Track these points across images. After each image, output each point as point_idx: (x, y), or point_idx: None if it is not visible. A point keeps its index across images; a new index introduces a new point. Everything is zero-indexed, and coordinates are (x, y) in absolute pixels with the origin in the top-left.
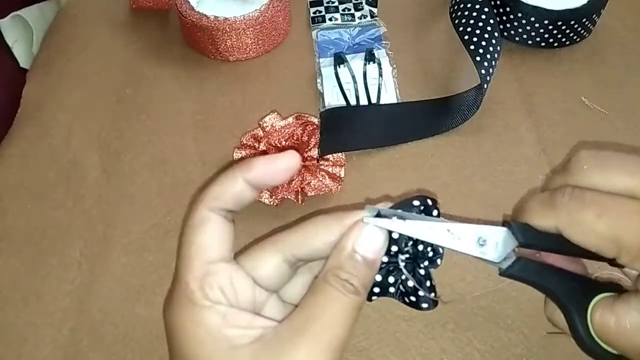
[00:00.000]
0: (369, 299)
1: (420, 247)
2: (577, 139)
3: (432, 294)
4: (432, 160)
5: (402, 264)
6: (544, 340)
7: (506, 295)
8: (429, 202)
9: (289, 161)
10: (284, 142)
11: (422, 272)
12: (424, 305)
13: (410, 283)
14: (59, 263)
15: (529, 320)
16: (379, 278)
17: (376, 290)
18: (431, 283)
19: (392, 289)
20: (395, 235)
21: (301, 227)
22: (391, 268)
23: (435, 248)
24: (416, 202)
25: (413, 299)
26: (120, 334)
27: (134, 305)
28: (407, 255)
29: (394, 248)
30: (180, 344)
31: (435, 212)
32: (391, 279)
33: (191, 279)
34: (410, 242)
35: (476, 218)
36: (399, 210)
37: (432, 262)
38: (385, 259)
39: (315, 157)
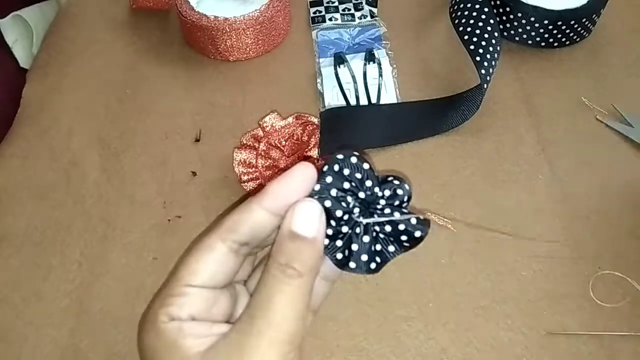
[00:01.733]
0: (376, 270)
1: (364, 195)
2: (577, 139)
3: (415, 218)
4: (432, 160)
5: (361, 219)
6: (544, 340)
7: (506, 295)
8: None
9: (303, 172)
10: (284, 142)
11: (387, 210)
12: (418, 233)
13: (388, 228)
14: (59, 263)
15: (529, 320)
16: (355, 247)
17: (373, 265)
18: (404, 212)
19: (379, 247)
20: (327, 204)
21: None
22: (357, 230)
23: (384, 183)
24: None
25: (404, 237)
26: (120, 334)
27: (134, 305)
28: (359, 209)
29: (339, 213)
30: (144, 353)
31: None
32: (366, 239)
33: (165, 297)
34: (350, 198)
35: (475, 218)
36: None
37: (394, 195)
38: (345, 229)
39: (315, 157)
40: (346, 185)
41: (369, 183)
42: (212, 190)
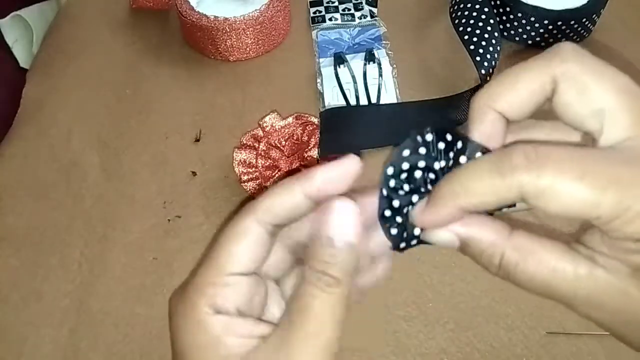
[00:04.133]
0: (418, 243)
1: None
2: None
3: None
4: None
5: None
6: (544, 340)
7: (506, 295)
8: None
9: (351, 165)
10: (284, 142)
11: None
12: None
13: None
14: (59, 263)
15: (529, 320)
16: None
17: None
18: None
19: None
20: (392, 184)
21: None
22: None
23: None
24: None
25: None
26: (120, 334)
27: (134, 305)
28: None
29: (402, 191)
30: (181, 344)
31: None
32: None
33: (206, 286)
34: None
35: None
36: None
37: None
38: (397, 203)
39: (315, 157)
40: (421, 162)
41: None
42: (212, 190)
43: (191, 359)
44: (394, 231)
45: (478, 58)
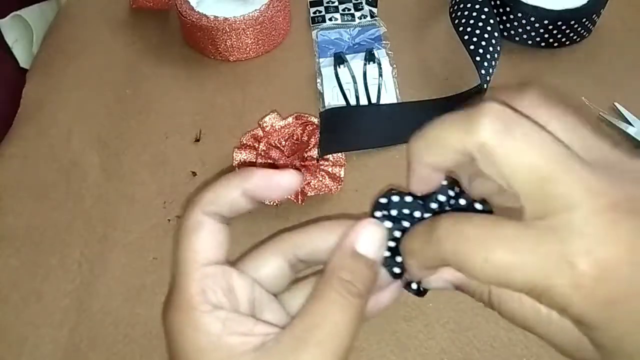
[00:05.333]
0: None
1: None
2: None
3: (479, 204)
4: None
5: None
6: (544, 340)
7: None
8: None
9: (289, 180)
10: (283, 142)
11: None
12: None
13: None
14: (59, 263)
15: None
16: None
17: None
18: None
19: None
20: (388, 225)
21: (305, 228)
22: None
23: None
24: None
25: None
26: (120, 334)
27: (134, 305)
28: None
29: (397, 233)
30: (179, 350)
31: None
32: None
33: (190, 283)
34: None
35: None
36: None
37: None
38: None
39: (315, 157)
40: (405, 211)
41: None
42: None
43: None
44: (397, 270)
45: (478, 58)
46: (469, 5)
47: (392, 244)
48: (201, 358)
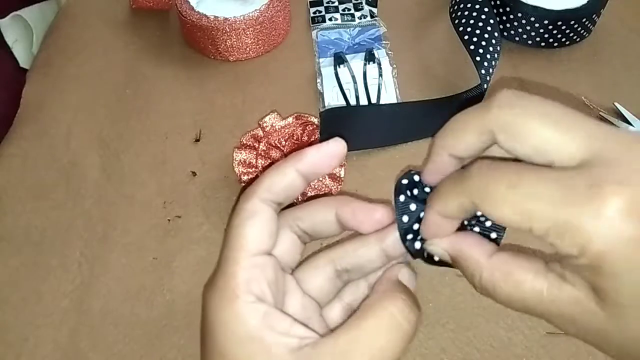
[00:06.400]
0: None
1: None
2: None
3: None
4: None
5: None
6: (544, 340)
7: None
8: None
9: (336, 146)
10: (284, 142)
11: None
12: (494, 234)
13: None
14: (59, 263)
15: (529, 320)
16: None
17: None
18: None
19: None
20: (413, 207)
21: (305, 203)
22: None
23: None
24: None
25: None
26: (120, 334)
27: (134, 305)
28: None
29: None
30: (218, 339)
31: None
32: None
33: (237, 270)
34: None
35: None
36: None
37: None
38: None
39: None
40: (427, 189)
41: None
42: (212, 190)
43: (232, 356)
44: (417, 245)
45: (478, 58)
46: (469, 5)
47: (416, 225)
48: (234, 346)
